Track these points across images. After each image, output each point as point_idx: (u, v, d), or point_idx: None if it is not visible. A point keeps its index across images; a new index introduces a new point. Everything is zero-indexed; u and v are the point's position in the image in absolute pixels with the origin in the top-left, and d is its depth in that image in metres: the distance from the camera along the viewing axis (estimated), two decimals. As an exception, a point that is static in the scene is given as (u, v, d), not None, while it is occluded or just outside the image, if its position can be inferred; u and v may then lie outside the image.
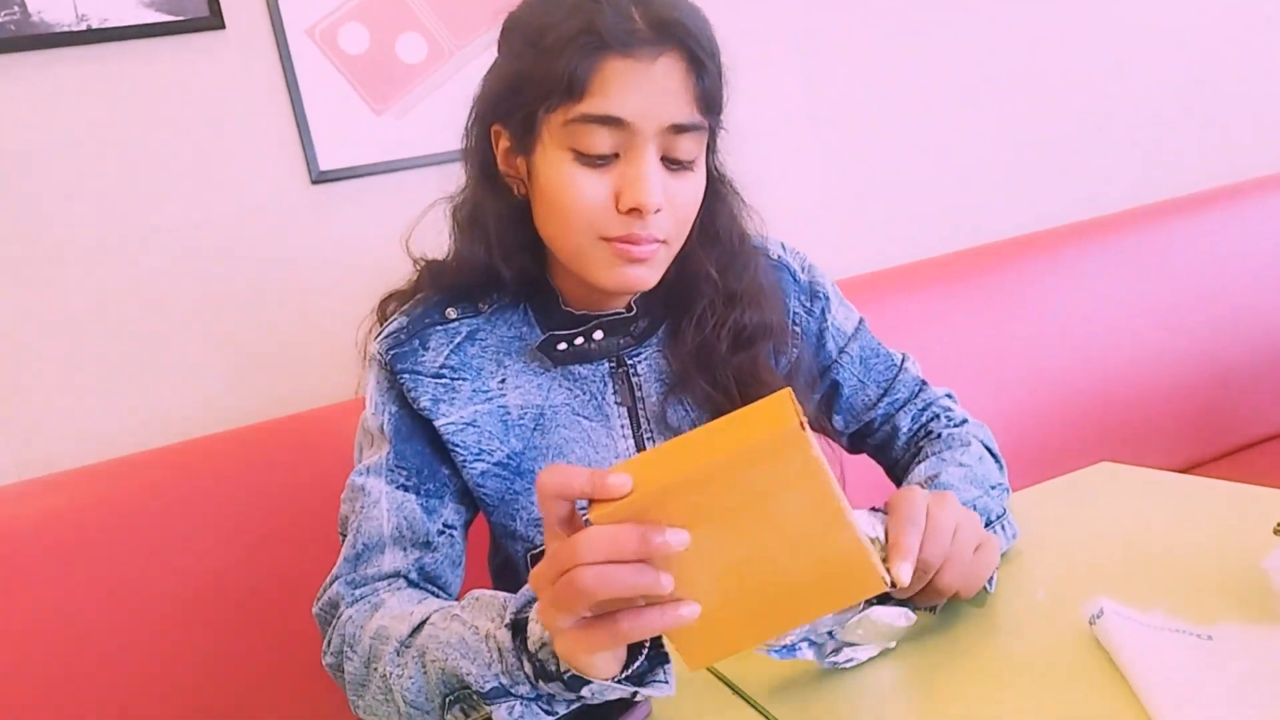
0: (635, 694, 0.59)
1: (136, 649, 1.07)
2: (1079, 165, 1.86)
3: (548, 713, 0.61)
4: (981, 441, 0.90)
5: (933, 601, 0.68)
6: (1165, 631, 0.61)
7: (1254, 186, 1.81)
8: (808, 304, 0.93)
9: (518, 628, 0.61)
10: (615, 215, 0.75)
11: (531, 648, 0.60)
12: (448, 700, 0.65)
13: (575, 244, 0.78)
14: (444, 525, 0.82)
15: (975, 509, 0.77)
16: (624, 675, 0.58)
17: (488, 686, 0.61)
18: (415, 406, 0.81)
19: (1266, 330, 1.75)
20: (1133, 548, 0.78)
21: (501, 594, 0.66)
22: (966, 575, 0.67)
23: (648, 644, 0.59)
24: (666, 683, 0.59)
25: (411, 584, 0.79)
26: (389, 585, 0.77)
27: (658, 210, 0.75)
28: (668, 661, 0.60)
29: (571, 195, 0.75)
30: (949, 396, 0.98)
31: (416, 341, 0.83)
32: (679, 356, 0.86)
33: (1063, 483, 0.97)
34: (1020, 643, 0.67)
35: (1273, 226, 1.78)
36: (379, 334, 0.85)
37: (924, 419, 0.95)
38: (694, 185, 0.79)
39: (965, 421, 0.94)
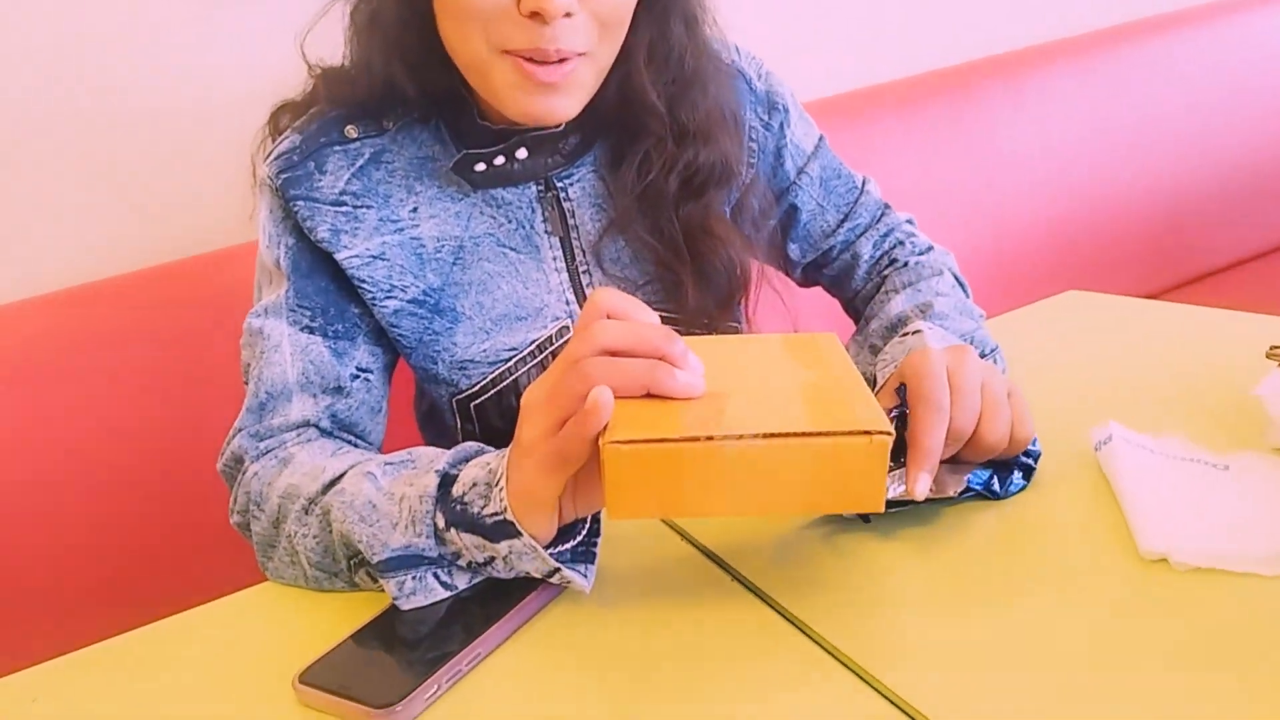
0: (550, 575, 0.54)
1: (31, 508, 1.00)
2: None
3: (445, 586, 0.56)
4: (950, 270, 0.83)
5: (979, 459, 0.59)
6: (1178, 460, 0.56)
7: (1207, 11, 1.71)
8: (765, 117, 0.83)
9: (446, 481, 0.55)
10: (518, 20, 0.63)
11: (457, 492, 0.54)
12: (353, 564, 0.59)
13: (474, 56, 0.66)
14: (357, 369, 0.74)
15: (973, 342, 0.71)
16: (552, 549, 0.54)
17: (382, 556, 0.55)
18: (313, 238, 0.71)
19: (1219, 159, 1.70)
20: (1120, 377, 0.72)
21: (441, 452, 0.59)
22: (1005, 429, 0.57)
23: (585, 526, 0.55)
24: (586, 577, 0.54)
25: (324, 433, 0.71)
26: (298, 436, 0.70)
27: (568, 14, 0.63)
28: (594, 560, 0.55)
29: None
30: (910, 222, 0.90)
31: (311, 164, 0.72)
32: (620, 192, 0.76)
33: (1032, 312, 0.91)
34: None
35: (1225, 53, 1.69)
36: (268, 155, 0.74)
37: (886, 246, 0.87)
38: None
39: (930, 249, 0.87)
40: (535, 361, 0.76)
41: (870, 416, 0.45)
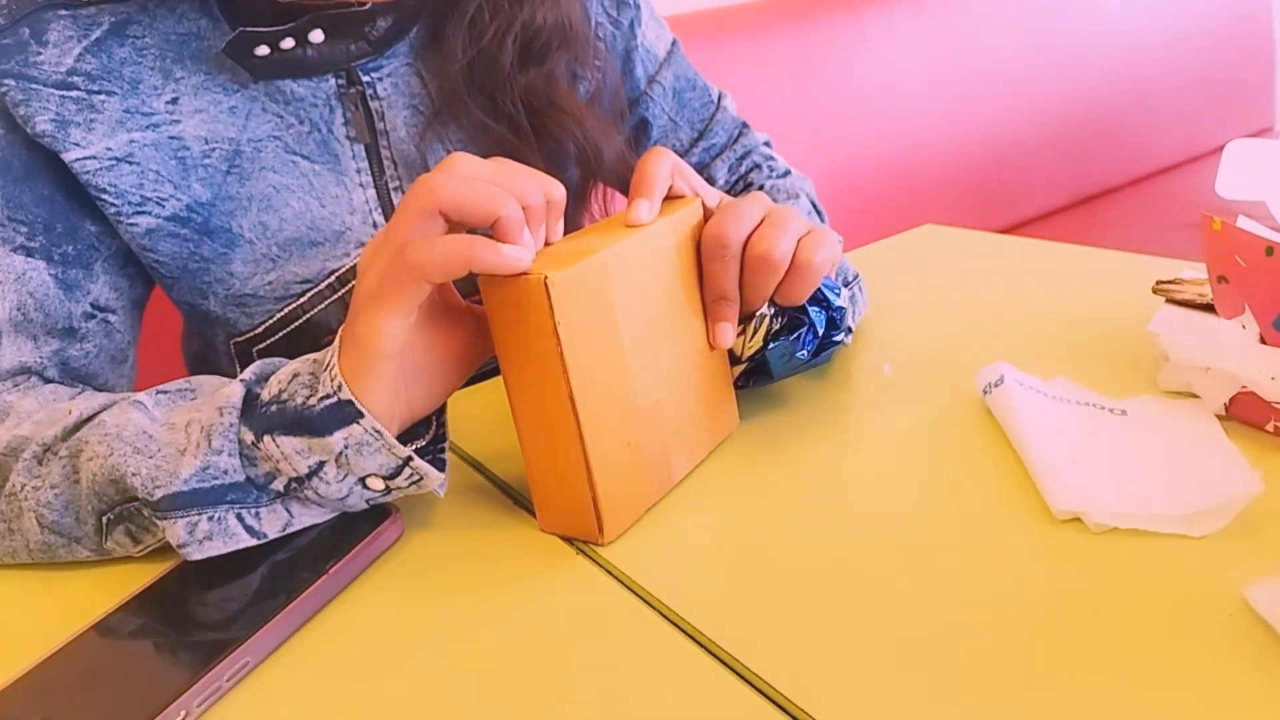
0: (397, 475, 0.43)
1: None
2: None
3: (251, 533, 0.43)
4: (808, 195, 0.76)
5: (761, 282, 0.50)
6: (1074, 405, 0.51)
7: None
8: (614, 14, 0.71)
9: (252, 395, 0.44)
10: None
11: (269, 394, 0.43)
12: (107, 520, 0.45)
13: None
14: (93, 306, 0.58)
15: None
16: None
17: (170, 489, 0.42)
18: (29, 130, 0.55)
19: (1050, 105, 1.74)
20: (994, 316, 0.67)
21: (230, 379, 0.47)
22: (785, 242, 0.49)
23: (430, 430, 0.47)
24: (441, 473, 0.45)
25: (49, 383, 0.55)
26: (14, 385, 0.54)
27: None
28: (444, 468, 0.46)
29: None
30: (767, 144, 0.81)
31: (25, 30, 0.55)
32: (444, 73, 0.63)
33: (890, 245, 0.85)
34: (899, 418, 0.54)
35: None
36: (-37, 19, 0.56)
37: (743, 169, 0.78)
38: None
39: (788, 173, 0.79)
40: (334, 297, 0.63)
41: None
